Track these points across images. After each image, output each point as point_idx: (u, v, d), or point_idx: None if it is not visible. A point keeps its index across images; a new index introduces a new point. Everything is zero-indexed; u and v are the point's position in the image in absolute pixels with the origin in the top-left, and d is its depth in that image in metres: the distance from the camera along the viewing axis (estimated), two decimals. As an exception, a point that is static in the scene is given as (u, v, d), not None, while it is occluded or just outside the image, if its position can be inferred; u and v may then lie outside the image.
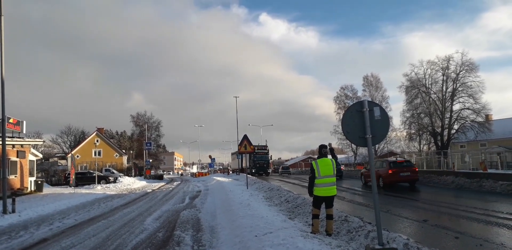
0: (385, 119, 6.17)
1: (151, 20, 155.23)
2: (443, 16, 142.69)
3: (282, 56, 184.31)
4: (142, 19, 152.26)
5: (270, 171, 48.79)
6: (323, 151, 7.41)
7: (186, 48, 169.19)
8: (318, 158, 7.39)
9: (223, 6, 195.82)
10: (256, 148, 41.51)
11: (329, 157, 7.45)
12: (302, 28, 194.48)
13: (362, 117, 6.03)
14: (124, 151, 62.00)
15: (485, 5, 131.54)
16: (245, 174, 26.34)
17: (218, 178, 36.45)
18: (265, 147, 47.55)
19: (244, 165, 43.76)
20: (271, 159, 49.86)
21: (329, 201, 7.18)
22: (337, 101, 55.78)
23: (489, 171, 20.25)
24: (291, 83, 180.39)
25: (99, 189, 27.08)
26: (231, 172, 56.08)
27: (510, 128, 39.90)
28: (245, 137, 20.29)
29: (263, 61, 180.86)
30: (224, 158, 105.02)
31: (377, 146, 45.89)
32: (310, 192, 7.31)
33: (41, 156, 32.22)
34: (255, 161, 45.19)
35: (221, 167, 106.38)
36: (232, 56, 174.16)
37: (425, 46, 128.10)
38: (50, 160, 53.63)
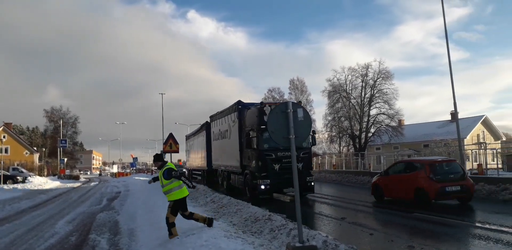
0: (308, 121, 6.33)
1: (71, 11, 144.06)
2: (363, 26, 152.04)
3: (210, 55, 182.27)
4: (61, 9, 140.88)
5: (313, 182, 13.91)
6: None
7: (109, 43, 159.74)
8: None
9: (149, 0, 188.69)
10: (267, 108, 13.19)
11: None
12: (231, 29, 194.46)
13: (286, 118, 6.12)
14: (35, 148, 57.23)
15: (398, 19, 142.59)
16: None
17: (141, 178, 35.10)
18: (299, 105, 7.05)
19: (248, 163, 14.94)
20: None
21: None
22: (265, 103, 56.67)
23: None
24: (219, 83, 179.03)
25: (5, 189, 24.60)
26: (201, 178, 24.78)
27: (419, 133, 43.69)
28: (171, 136, 19.80)
29: (190, 59, 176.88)
30: (149, 157, 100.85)
31: (300, 147, 47.21)
32: None
33: None
34: (265, 156, 12.78)
35: (144, 167, 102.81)
36: (158, 53, 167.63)
37: (346, 54, 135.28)
38: None
